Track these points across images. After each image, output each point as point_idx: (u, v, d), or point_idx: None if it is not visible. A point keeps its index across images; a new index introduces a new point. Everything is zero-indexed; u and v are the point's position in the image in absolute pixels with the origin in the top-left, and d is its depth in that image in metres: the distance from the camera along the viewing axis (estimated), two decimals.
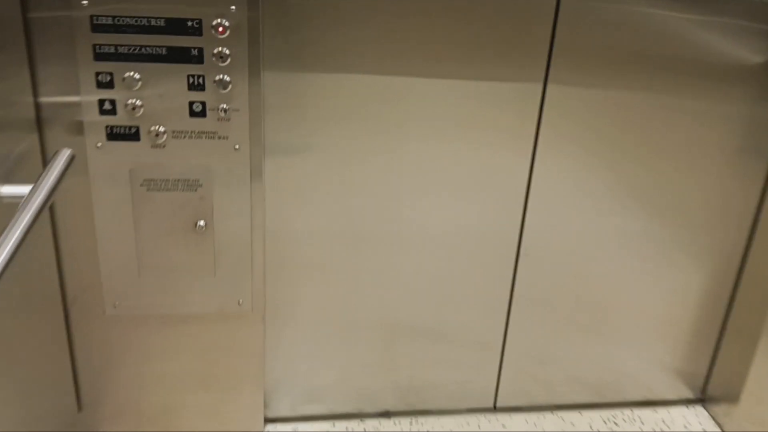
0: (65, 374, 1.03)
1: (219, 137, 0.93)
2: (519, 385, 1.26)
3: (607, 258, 1.17)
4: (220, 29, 0.87)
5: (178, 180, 0.94)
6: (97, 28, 0.85)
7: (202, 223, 0.97)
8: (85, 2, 0.84)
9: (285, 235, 1.06)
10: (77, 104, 0.89)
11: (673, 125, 1.08)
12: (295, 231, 1.07)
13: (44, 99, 0.88)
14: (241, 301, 1.03)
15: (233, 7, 0.87)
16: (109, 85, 0.88)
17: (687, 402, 1.34)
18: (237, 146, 0.94)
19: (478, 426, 1.24)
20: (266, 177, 1.01)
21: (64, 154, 0.83)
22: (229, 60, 0.89)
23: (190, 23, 0.87)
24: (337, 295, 1.13)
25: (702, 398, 1.34)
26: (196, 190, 0.95)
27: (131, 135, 0.91)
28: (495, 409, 1.28)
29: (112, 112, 0.89)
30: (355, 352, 1.18)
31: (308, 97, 0.98)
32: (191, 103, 0.91)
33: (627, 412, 1.30)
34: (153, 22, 0.86)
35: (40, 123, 0.89)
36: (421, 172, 1.06)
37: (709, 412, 1.31)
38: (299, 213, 1.06)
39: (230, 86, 0.90)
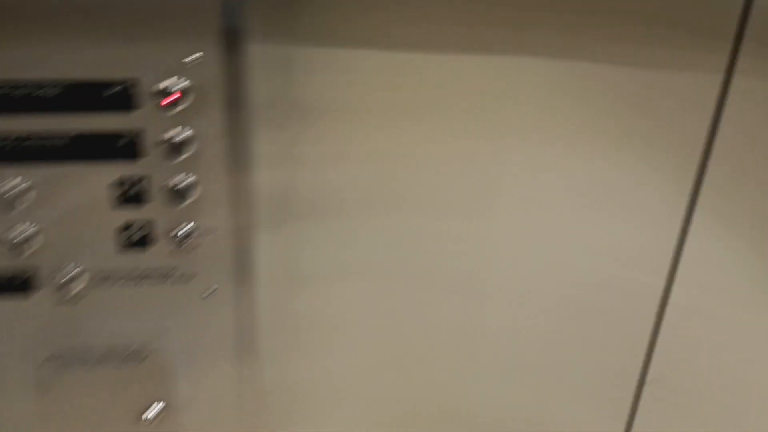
0: None
1: (178, 278, 0.54)
2: None
3: None
4: (170, 96, 0.47)
5: (109, 351, 0.55)
6: None
7: (152, 412, 0.58)
8: None
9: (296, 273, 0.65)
10: None
11: None
12: (322, 269, 0.65)
13: None
14: None
15: (196, 56, 0.47)
16: None
17: None
18: (211, 289, 0.55)
19: None
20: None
21: None
22: (191, 149, 0.49)
23: (113, 89, 0.47)
24: (383, 371, 0.71)
25: None
26: (141, 363, 0.56)
27: (20, 285, 0.52)
28: None
29: None
30: None
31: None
32: (123, 228, 0.51)
33: None
34: (43, 92, 0.46)
35: None
36: (520, 200, 0.64)
37: None
38: (326, 245, 0.64)
39: (193, 193, 0.51)
